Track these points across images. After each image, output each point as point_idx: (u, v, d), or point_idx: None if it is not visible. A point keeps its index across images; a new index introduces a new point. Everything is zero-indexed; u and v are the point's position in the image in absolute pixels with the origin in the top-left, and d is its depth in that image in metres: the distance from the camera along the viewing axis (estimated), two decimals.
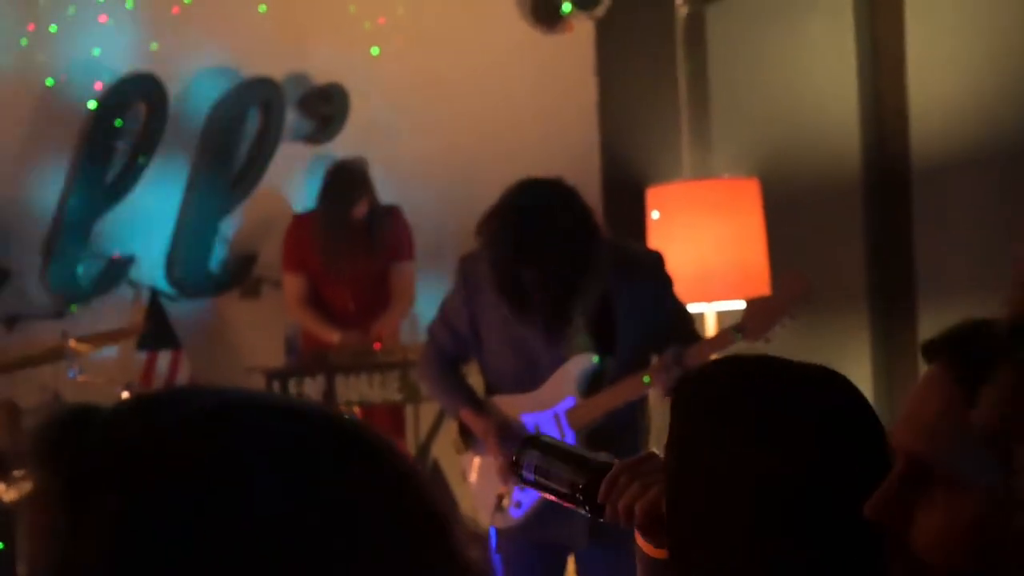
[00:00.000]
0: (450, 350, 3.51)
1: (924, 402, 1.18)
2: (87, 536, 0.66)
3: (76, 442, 0.69)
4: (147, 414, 0.71)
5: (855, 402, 1.28)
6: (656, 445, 3.93)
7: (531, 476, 1.44)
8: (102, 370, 4.73)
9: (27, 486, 0.74)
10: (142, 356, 5.11)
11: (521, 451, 1.46)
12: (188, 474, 0.67)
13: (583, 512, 1.41)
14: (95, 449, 0.68)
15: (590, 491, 1.39)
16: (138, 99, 5.27)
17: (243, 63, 5.42)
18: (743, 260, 4.91)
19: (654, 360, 3.40)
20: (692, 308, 3.73)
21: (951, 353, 1.18)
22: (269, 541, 0.66)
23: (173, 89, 5.31)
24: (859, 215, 5.10)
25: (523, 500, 3.46)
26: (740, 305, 3.52)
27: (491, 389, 3.52)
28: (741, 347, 3.41)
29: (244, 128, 5.43)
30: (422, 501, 0.71)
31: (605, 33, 5.76)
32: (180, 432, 0.69)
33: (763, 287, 4.73)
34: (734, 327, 3.41)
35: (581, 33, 5.75)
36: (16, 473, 3.97)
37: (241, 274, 5.43)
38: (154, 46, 5.31)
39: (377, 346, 4.76)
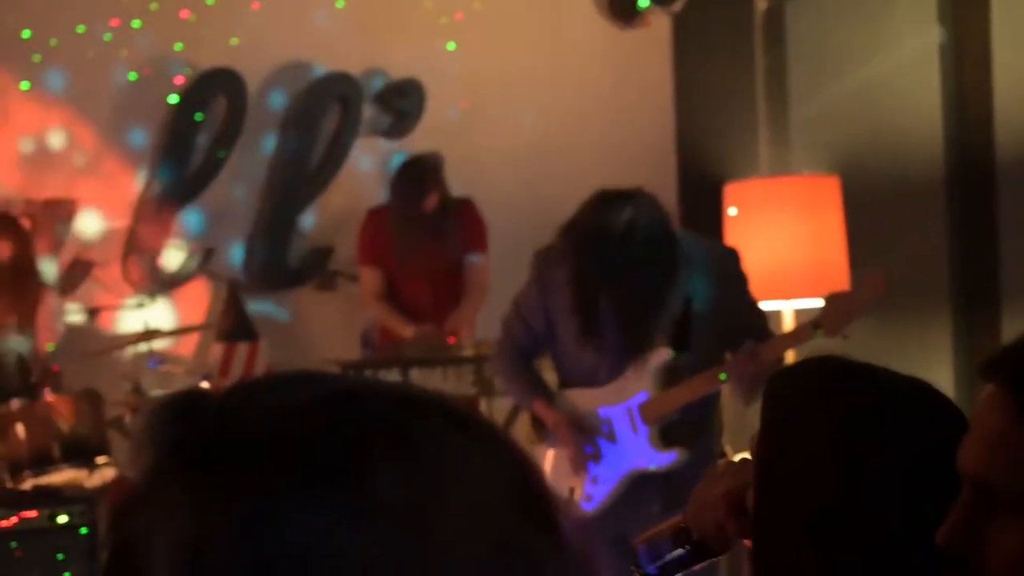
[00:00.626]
0: (524, 344, 3.50)
1: (984, 424, 1.16)
2: (213, 517, 0.65)
3: (193, 424, 0.69)
4: (263, 397, 0.71)
5: (945, 412, 1.27)
6: (730, 441, 3.91)
7: (654, 569, 1.47)
8: (181, 361, 4.79)
9: (138, 468, 0.73)
10: (220, 347, 5.17)
11: (633, 556, 1.49)
12: (307, 458, 0.67)
13: (704, 562, 1.44)
14: (212, 431, 0.68)
15: (690, 537, 1.41)
16: (218, 94, 5.34)
17: (321, 58, 5.47)
18: (822, 258, 4.85)
19: (729, 355, 3.37)
20: (769, 306, 3.69)
21: (1009, 372, 1.16)
22: (388, 526, 0.65)
23: (252, 84, 5.37)
24: (942, 213, 5.01)
25: (594, 493, 3.45)
26: (818, 304, 3.47)
27: (564, 383, 3.52)
28: (819, 343, 3.36)
29: (321, 123, 5.48)
30: (536, 486, 0.71)
31: (682, 28, 5.72)
32: (298, 416, 0.68)
33: (842, 286, 4.67)
34: (812, 322, 3.37)
35: (658, 28, 5.72)
36: (98, 460, 4.04)
37: (317, 267, 5.48)
38: (234, 41, 5.37)
39: (452, 340, 4.77)
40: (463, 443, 0.70)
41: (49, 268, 4.97)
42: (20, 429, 3.93)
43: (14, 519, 3.57)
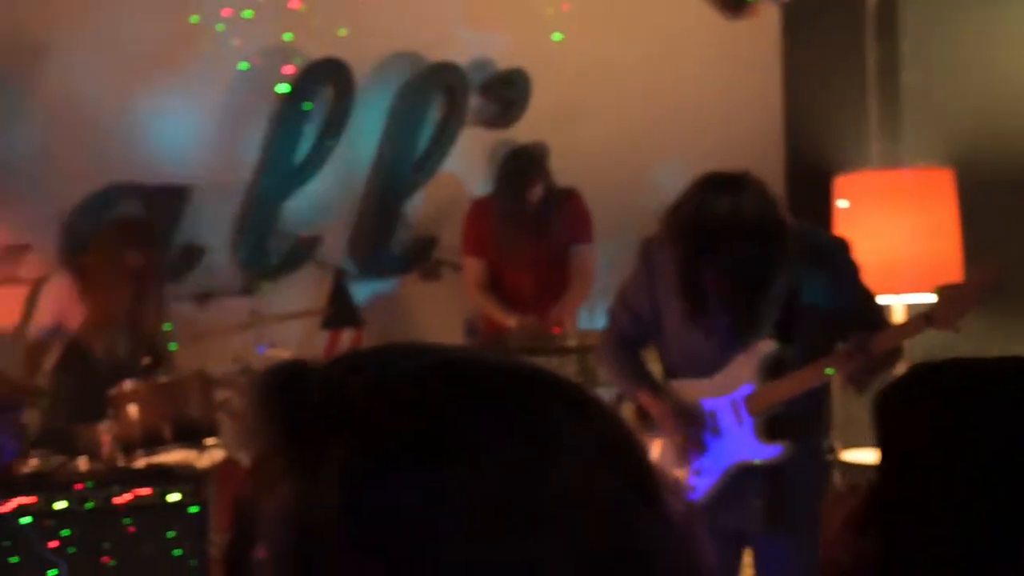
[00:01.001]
0: (630, 334, 3.48)
1: None
2: (317, 489, 0.66)
3: (295, 396, 0.69)
4: (366, 368, 0.71)
5: None
6: (839, 436, 3.83)
7: None
8: (287, 346, 4.85)
9: (246, 439, 0.74)
10: (325, 334, 5.23)
11: None
12: (408, 429, 0.67)
13: None
14: (315, 402, 0.69)
15: None
16: (326, 83, 5.40)
17: (428, 48, 5.50)
18: (935, 252, 4.75)
19: (839, 347, 3.31)
20: (881, 300, 3.62)
21: None
22: (491, 496, 0.65)
23: (360, 73, 5.42)
24: None
25: (698, 485, 3.42)
26: (931, 299, 3.39)
27: (669, 373, 3.49)
28: (930, 336, 3.29)
29: (428, 112, 5.51)
30: (643, 464, 0.71)
31: (792, 18, 5.64)
32: (401, 387, 0.69)
33: (956, 280, 4.57)
34: (924, 315, 3.30)
35: (767, 18, 5.65)
36: (207, 441, 4.11)
37: (421, 256, 5.52)
38: (343, 31, 5.42)
39: (556, 330, 4.76)
40: (571, 417, 0.70)
41: None
42: (133, 409, 4.02)
43: (128, 496, 3.66)
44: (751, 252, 3.15)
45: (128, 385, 4.08)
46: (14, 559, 3.44)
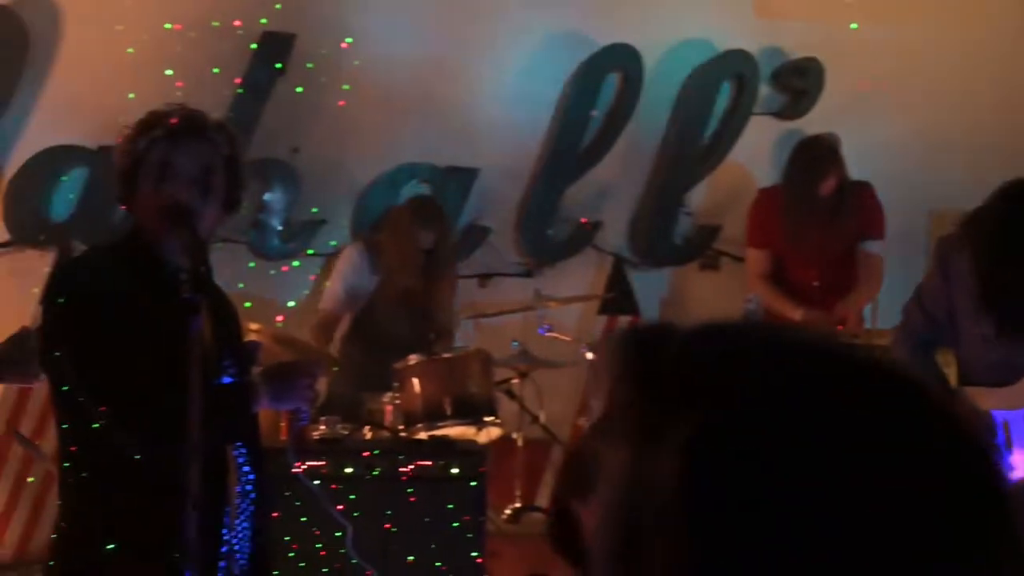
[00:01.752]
0: (924, 333, 3.37)
1: None
2: (660, 453, 0.67)
3: (658, 356, 0.70)
4: (729, 341, 0.71)
5: None
6: None
7: None
8: (565, 329, 4.89)
9: (600, 390, 0.77)
10: (602, 319, 5.27)
11: None
12: (765, 409, 0.67)
13: None
14: (676, 365, 0.70)
15: None
16: (615, 69, 5.41)
17: (720, 36, 5.43)
18: None
19: None
20: None
21: None
22: (838, 489, 0.64)
23: (649, 60, 5.41)
24: None
25: None
26: None
27: (964, 379, 3.35)
28: None
29: (716, 100, 5.45)
30: (990, 464, 0.68)
31: None
32: (760, 364, 0.69)
33: None
34: None
35: None
36: (486, 419, 4.21)
37: (702, 246, 5.47)
38: (634, 17, 5.41)
39: (840, 328, 4.63)
40: (912, 417, 0.68)
41: None
42: (415, 383, 4.15)
43: (411, 466, 3.78)
44: None
45: (413, 359, 4.21)
46: (304, 519, 3.61)
